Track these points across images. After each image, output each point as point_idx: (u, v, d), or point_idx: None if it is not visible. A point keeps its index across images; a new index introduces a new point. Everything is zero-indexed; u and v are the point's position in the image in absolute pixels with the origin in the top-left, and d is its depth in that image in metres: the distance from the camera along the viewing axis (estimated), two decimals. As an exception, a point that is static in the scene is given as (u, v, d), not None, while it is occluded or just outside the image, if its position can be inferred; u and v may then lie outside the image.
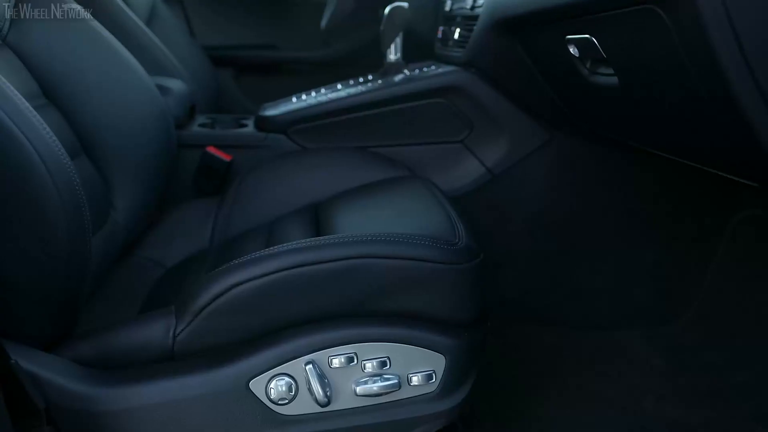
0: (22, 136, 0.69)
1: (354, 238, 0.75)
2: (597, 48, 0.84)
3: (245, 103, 2.24)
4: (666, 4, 0.64)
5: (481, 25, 1.19)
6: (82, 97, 1.03)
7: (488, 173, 1.31)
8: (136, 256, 1.15)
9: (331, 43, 2.24)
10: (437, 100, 1.30)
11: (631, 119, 0.97)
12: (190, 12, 2.28)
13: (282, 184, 1.21)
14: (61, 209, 0.70)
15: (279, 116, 1.34)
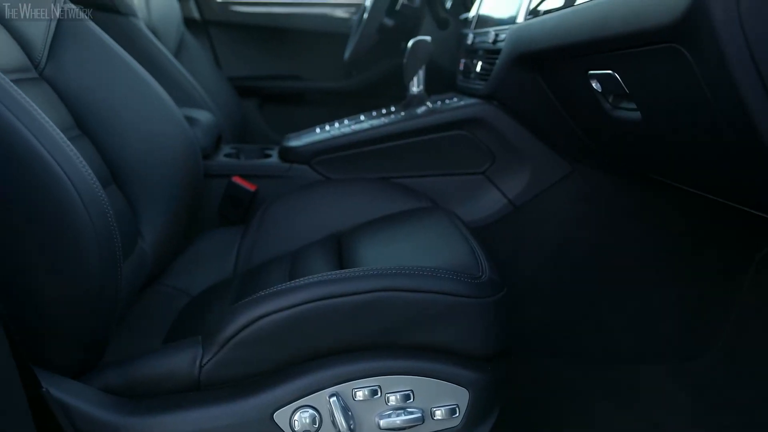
0: (58, 166, 0.71)
1: (378, 271, 0.75)
2: (620, 83, 0.85)
3: (269, 132, 2.28)
4: (689, 42, 0.65)
5: (503, 59, 1.21)
6: (114, 129, 1.06)
7: (510, 205, 1.32)
8: (162, 285, 1.16)
9: (353, 73, 2.28)
10: (459, 132, 1.32)
11: (654, 153, 0.97)
12: (216, 43, 2.34)
13: (305, 214, 1.22)
14: (94, 238, 0.72)
15: (303, 147, 1.36)
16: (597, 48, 0.84)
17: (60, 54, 1.04)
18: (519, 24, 1.16)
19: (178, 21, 1.98)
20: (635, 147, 1.01)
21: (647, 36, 0.70)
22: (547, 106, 1.16)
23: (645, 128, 0.87)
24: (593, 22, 0.82)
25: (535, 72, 1.13)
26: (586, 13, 0.85)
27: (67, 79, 1.04)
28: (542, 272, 1.34)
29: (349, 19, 2.30)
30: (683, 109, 0.76)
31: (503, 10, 1.33)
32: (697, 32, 0.62)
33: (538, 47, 1.05)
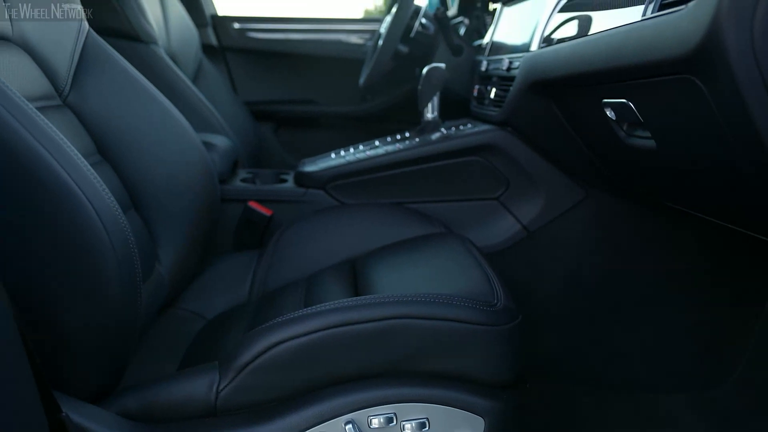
0: (81, 193, 0.73)
1: (393, 299, 0.76)
2: (634, 112, 0.85)
3: (284, 155, 2.30)
4: (703, 74, 0.66)
5: (518, 86, 1.22)
6: (135, 155, 1.08)
7: (524, 230, 1.32)
8: (178, 308, 1.17)
9: (367, 98, 2.30)
10: (473, 158, 1.33)
11: (669, 181, 0.97)
12: (233, 69, 2.37)
13: (320, 239, 1.23)
14: (115, 264, 0.73)
15: (318, 172, 1.38)
16: (611, 78, 0.85)
17: (83, 82, 1.06)
18: (533, 52, 1.17)
19: (197, 47, 2.02)
20: (650, 174, 1.01)
21: (661, 67, 0.71)
22: (562, 133, 1.16)
23: (659, 156, 0.88)
24: (607, 52, 0.83)
25: (549, 99, 1.14)
26: (600, 44, 0.86)
27: (89, 106, 1.06)
28: (557, 298, 1.33)
29: (363, 45, 2.34)
30: (698, 138, 0.76)
31: (517, 38, 1.35)
32: (712, 64, 0.63)
33: (552, 75, 1.06)
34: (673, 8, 0.69)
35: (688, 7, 0.65)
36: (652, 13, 0.75)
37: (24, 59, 0.96)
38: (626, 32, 0.78)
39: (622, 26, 0.81)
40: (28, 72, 0.96)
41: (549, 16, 1.16)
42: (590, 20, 0.99)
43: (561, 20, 1.11)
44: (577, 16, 1.05)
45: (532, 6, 1.32)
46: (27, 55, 0.97)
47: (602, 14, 0.96)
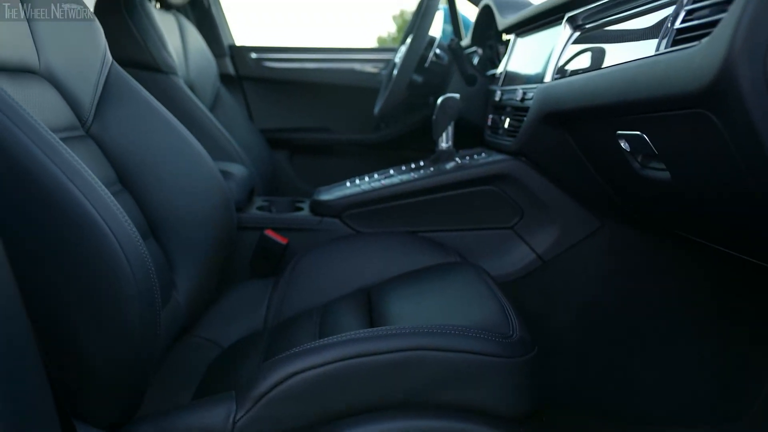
0: (103, 222, 0.74)
1: (409, 330, 0.76)
2: (648, 144, 0.86)
3: (298, 182, 2.32)
4: (716, 109, 0.66)
5: (532, 117, 1.23)
6: (154, 184, 1.10)
7: (539, 259, 1.32)
8: (193, 335, 1.18)
9: (381, 126, 2.32)
10: (488, 187, 1.33)
11: (685, 211, 0.97)
12: (250, 97, 2.41)
13: (335, 267, 1.24)
14: (135, 293, 0.74)
15: (333, 201, 1.39)
16: (624, 111, 0.86)
17: (106, 112, 1.09)
18: (546, 83, 1.18)
19: (215, 77, 2.06)
20: (665, 205, 1.01)
21: (674, 102, 0.72)
22: (576, 163, 1.17)
23: (674, 187, 0.88)
24: (620, 86, 0.84)
25: (563, 130, 1.15)
26: (614, 77, 0.87)
27: (111, 136, 1.08)
28: (572, 328, 1.32)
29: (377, 74, 2.37)
30: (712, 170, 0.77)
31: (531, 68, 1.36)
32: (725, 99, 0.63)
33: (566, 107, 1.07)
34: (686, 44, 0.70)
35: (701, 43, 0.66)
36: (665, 48, 0.76)
37: (50, 91, 0.99)
38: (639, 67, 0.79)
39: (635, 60, 0.82)
40: (54, 104, 0.99)
41: (563, 48, 1.17)
42: (604, 53, 1.00)
43: (574, 52, 1.13)
44: (591, 48, 1.06)
45: (545, 37, 1.34)
46: (53, 87, 1.00)
47: (616, 47, 0.97)
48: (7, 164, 0.68)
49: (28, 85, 0.94)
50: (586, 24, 1.11)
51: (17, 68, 0.92)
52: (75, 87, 1.03)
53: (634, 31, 0.90)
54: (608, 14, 1.02)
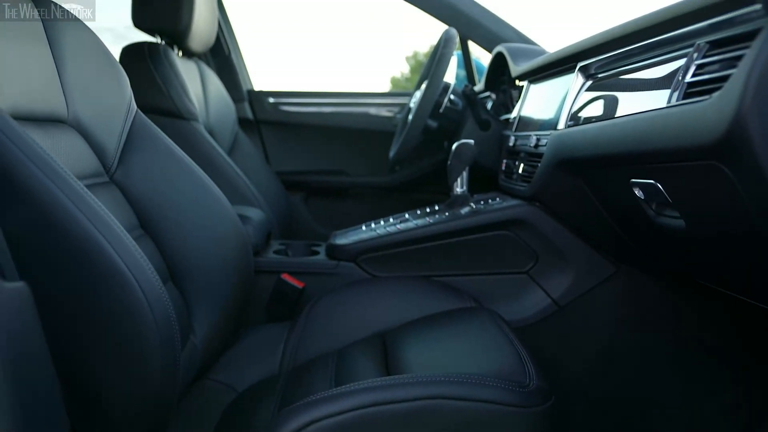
0: (127, 270, 0.76)
1: (425, 378, 0.76)
2: (662, 193, 0.87)
3: (314, 225, 2.34)
4: (729, 162, 0.67)
5: (546, 163, 1.24)
6: (174, 229, 1.12)
7: (554, 305, 1.32)
8: (209, 379, 1.19)
9: (396, 169, 2.35)
10: (502, 232, 1.34)
11: (701, 259, 0.97)
12: (267, 141, 2.45)
13: (351, 312, 1.24)
14: (156, 338, 0.76)
15: (349, 245, 1.41)
16: (638, 160, 0.87)
17: (129, 159, 1.12)
18: (560, 131, 1.19)
19: (233, 121, 2.11)
20: (681, 252, 1.01)
21: (687, 153, 0.73)
22: (590, 209, 1.18)
23: (689, 236, 0.88)
24: (633, 136, 0.85)
25: (578, 176, 1.16)
26: (627, 127, 0.88)
27: (134, 182, 1.11)
28: (588, 375, 1.31)
29: (392, 118, 2.41)
30: (727, 220, 0.77)
31: (544, 114, 1.38)
32: (737, 152, 0.64)
33: (580, 155, 1.08)
34: (697, 98, 0.72)
35: (712, 97, 0.68)
36: (677, 100, 0.77)
37: (77, 140, 1.02)
38: (652, 118, 0.81)
39: (648, 111, 0.84)
40: (81, 152, 1.02)
41: (576, 96, 1.19)
42: (616, 101, 1.02)
43: (587, 99, 1.14)
44: (604, 96, 1.08)
45: (558, 85, 1.36)
46: (80, 135, 1.04)
47: (628, 96, 0.99)
48: (37, 213, 0.71)
49: (57, 134, 0.97)
50: (599, 73, 1.13)
51: (47, 118, 0.96)
52: (101, 135, 1.07)
53: (646, 81, 0.92)
54: (620, 65, 1.04)
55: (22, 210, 0.70)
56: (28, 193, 0.71)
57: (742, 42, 0.67)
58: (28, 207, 0.71)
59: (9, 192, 0.70)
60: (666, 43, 0.86)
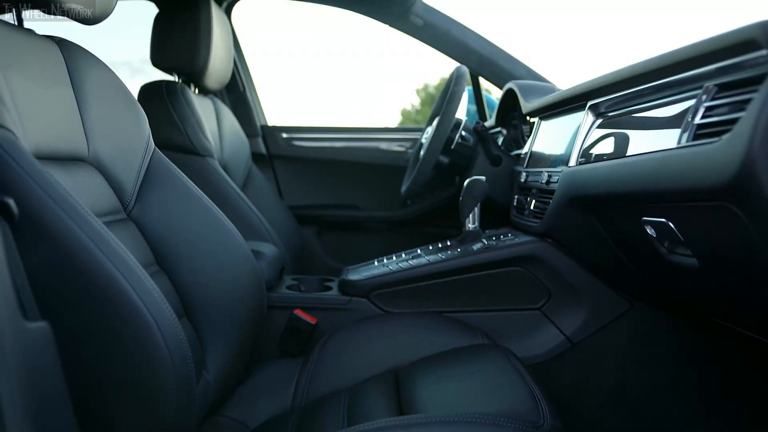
0: (145, 309, 0.77)
1: (440, 418, 0.76)
2: (674, 231, 0.87)
3: (326, 258, 2.35)
4: (739, 203, 0.68)
5: (557, 200, 1.25)
6: (189, 265, 1.13)
7: (567, 341, 1.31)
8: (220, 415, 1.18)
9: (408, 203, 2.36)
10: (515, 268, 1.35)
11: (715, 297, 0.97)
12: (280, 175, 2.48)
13: (363, 348, 1.24)
14: (172, 375, 0.76)
15: (362, 281, 1.41)
16: (649, 199, 0.88)
17: (146, 196, 1.14)
18: (572, 168, 1.20)
19: (247, 156, 2.14)
20: (694, 290, 1.01)
21: (698, 194, 0.73)
22: (603, 246, 1.18)
23: (703, 274, 0.88)
24: (644, 176, 0.86)
25: (589, 213, 1.16)
26: (638, 167, 0.89)
27: (150, 219, 1.13)
28: (602, 413, 1.29)
29: (404, 153, 2.43)
30: (740, 260, 0.77)
31: (555, 150, 1.39)
32: (747, 194, 0.65)
33: (591, 192, 1.09)
34: (707, 139, 0.73)
35: (722, 139, 0.69)
36: (686, 141, 0.78)
37: (96, 178, 1.05)
38: (662, 159, 0.82)
39: (658, 152, 0.85)
40: (99, 189, 1.04)
41: (587, 133, 1.20)
42: (627, 139, 1.02)
43: (598, 136, 1.15)
44: (614, 134, 1.09)
45: (569, 122, 1.37)
46: (99, 174, 1.06)
47: (639, 134, 0.99)
48: (59, 253, 0.72)
49: (77, 173, 0.99)
50: (609, 112, 1.15)
51: (69, 157, 0.98)
52: (119, 173, 1.09)
53: (656, 120, 0.93)
54: (630, 104, 1.05)
55: (44, 249, 0.72)
56: (51, 233, 0.72)
57: (750, 86, 0.68)
58: (51, 246, 0.72)
59: (32, 232, 0.71)
60: (675, 84, 0.88)
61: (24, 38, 0.94)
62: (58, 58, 1.01)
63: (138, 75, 1.79)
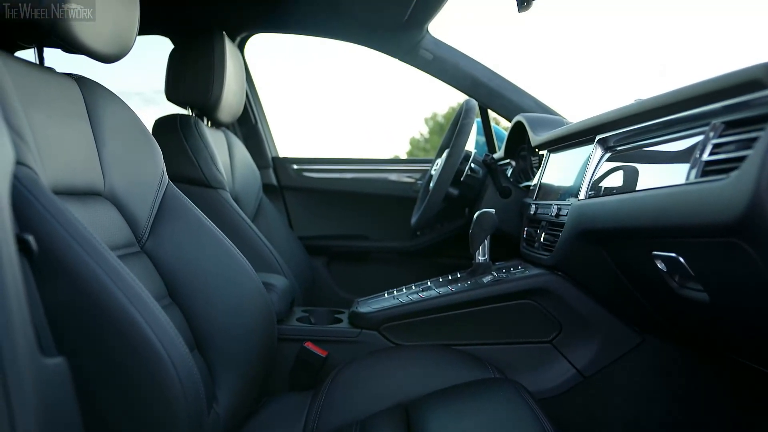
0: (161, 346, 0.78)
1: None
2: (684, 266, 0.87)
3: (336, 289, 2.36)
4: (748, 239, 0.68)
5: (567, 233, 1.25)
6: (201, 298, 1.14)
7: (579, 375, 1.30)
8: (230, 449, 1.18)
9: (418, 234, 2.37)
10: (525, 301, 1.35)
11: (727, 331, 0.96)
12: (290, 206, 2.50)
13: (373, 381, 1.24)
14: (185, 411, 0.77)
15: (372, 314, 1.42)
16: (659, 234, 0.88)
17: (160, 229, 1.15)
18: (581, 201, 1.21)
19: (258, 187, 2.16)
20: (706, 325, 1.01)
21: (707, 230, 0.74)
22: (613, 279, 1.18)
23: (714, 309, 0.88)
24: (653, 211, 0.86)
25: (599, 247, 1.16)
26: (647, 202, 0.90)
27: (164, 252, 1.14)
28: None
29: (413, 184, 2.45)
30: (751, 295, 0.77)
31: (564, 183, 1.40)
32: (756, 232, 0.65)
33: (601, 226, 1.09)
34: (715, 176, 0.74)
35: (730, 177, 0.69)
36: (695, 178, 0.79)
37: (112, 211, 1.06)
38: (671, 195, 0.82)
39: (667, 187, 0.85)
40: (115, 223, 1.06)
41: (596, 166, 1.21)
42: (636, 173, 1.03)
43: (607, 169, 1.16)
44: (623, 168, 1.10)
45: (577, 155, 1.38)
46: (114, 207, 1.08)
47: (647, 168, 1.00)
48: (76, 288, 0.73)
49: (93, 206, 1.01)
50: (618, 146, 1.16)
51: (85, 192, 1.00)
52: (134, 206, 1.11)
53: (665, 155, 0.94)
54: (638, 139, 1.06)
55: (62, 285, 0.73)
56: (68, 269, 0.74)
57: (756, 124, 0.69)
58: (68, 282, 0.73)
59: (51, 268, 0.73)
60: (683, 120, 0.89)
61: (45, 77, 0.97)
62: (77, 95, 1.04)
63: (150, 105, 1.84)
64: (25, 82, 0.89)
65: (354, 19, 2.03)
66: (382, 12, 1.95)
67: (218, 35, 1.78)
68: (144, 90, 7.12)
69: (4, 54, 0.89)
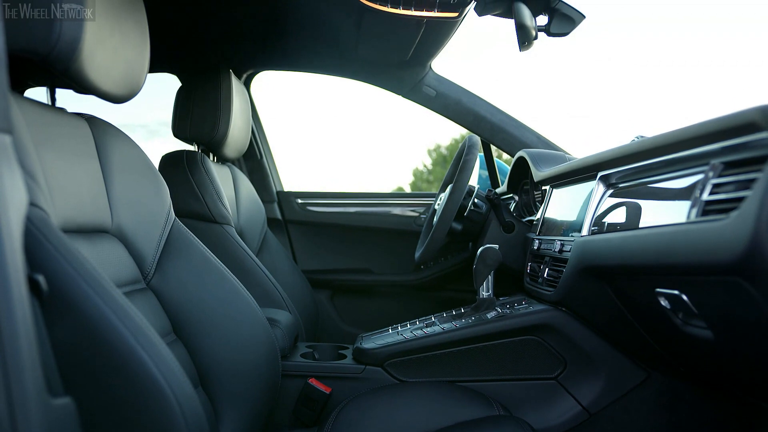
0: (162, 378, 0.79)
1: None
2: (687, 304, 0.88)
3: (340, 323, 2.35)
4: (749, 278, 0.69)
5: (571, 269, 1.25)
6: (205, 335, 1.15)
7: (585, 412, 1.29)
8: (233, 488, 1.17)
9: (421, 268, 2.37)
10: (529, 337, 1.34)
11: (732, 369, 0.96)
12: (294, 240, 2.51)
13: (378, 418, 1.23)
14: None
15: (376, 350, 1.41)
16: (662, 272, 0.89)
17: (165, 266, 1.16)
18: (584, 237, 1.22)
19: (263, 222, 2.17)
20: (711, 362, 1.00)
21: (709, 269, 0.75)
22: (618, 315, 1.18)
23: (718, 346, 0.88)
24: (656, 249, 0.87)
25: (603, 283, 1.17)
26: (650, 240, 0.90)
27: (169, 288, 1.15)
28: None
29: (417, 217, 2.46)
30: (754, 333, 0.78)
31: (567, 218, 1.41)
32: (756, 271, 0.66)
33: (604, 263, 1.10)
34: (716, 215, 0.75)
35: (729, 217, 0.70)
36: (696, 216, 0.80)
37: (118, 249, 1.08)
38: (673, 233, 0.83)
39: (669, 225, 0.86)
40: (121, 260, 1.07)
41: (599, 202, 1.22)
42: (639, 210, 1.04)
43: (610, 205, 1.17)
44: (626, 204, 1.11)
45: (580, 190, 1.39)
46: (121, 244, 1.09)
47: (650, 205, 1.01)
48: (84, 327, 0.74)
49: (100, 244, 1.02)
50: (620, 183, 1.17)
51: (93, 229, 1.02)
52: (140, 243, 1.12)
53: (667, 192, 0.95)
54: (640, 177, 1.07)
55: (70, 324, 0.74)
56: (76, 308, 0.74)
57: (754, 164, 0.71)
58: (77, 321, 0.74)
59: (59, 307, 0.74)
60: (683, 160, 0.90)
61: (56, 117, 0.99)
62: (87, 134, 1.06)
63: (154, 137, 1.86)
64: (37, 123, 0.91)
65: (358, 58, 2.07)
66: (385, 51, 1.99)
67: (225, 73, 1.81)
68: (148, 122, 7.14)
69: (18, 95, 0.91)
